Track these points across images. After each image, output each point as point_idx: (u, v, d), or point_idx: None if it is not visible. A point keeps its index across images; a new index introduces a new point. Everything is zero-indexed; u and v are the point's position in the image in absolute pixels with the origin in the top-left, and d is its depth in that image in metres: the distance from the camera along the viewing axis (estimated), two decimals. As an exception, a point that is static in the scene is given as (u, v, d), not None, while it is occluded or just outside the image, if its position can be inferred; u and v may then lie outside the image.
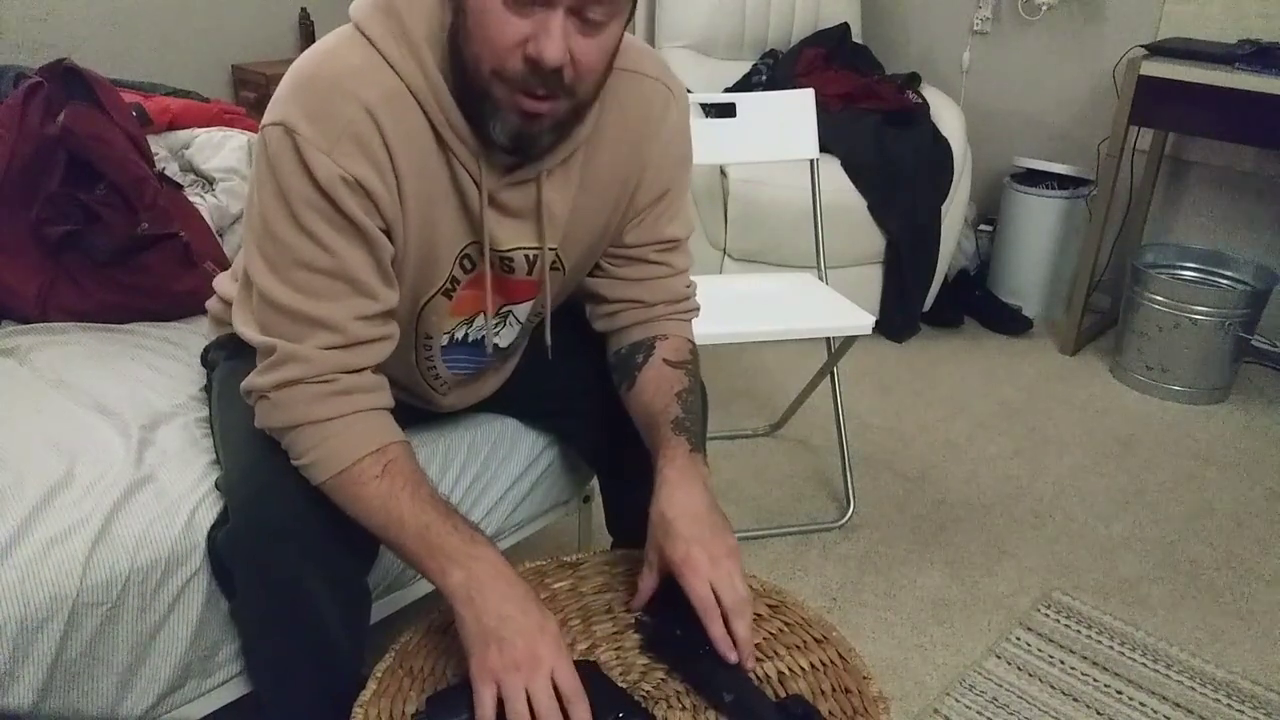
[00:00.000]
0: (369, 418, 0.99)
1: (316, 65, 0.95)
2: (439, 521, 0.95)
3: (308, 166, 0.92)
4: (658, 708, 0.95)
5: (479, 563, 0.93)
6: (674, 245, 1.19)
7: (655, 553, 1.02)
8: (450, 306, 1.10)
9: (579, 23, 0.89)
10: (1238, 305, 2.48)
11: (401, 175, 0.97)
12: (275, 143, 0.93)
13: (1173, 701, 1.57)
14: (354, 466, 0.96)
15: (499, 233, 1.05)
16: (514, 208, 1.05)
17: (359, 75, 0.94)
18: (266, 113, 0.96)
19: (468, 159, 0.99)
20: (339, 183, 0.93)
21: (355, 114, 0.93)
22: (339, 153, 0.92)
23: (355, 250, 0.97)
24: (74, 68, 1.67)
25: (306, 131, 0.92)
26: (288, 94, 0.95)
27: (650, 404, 1.13)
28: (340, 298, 0.97)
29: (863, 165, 2.67)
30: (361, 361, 1.00)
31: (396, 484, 0.96)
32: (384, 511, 0.96)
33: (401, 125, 0.95)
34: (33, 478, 1.11)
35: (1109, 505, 2.10)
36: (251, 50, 3.15)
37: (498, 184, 1.02)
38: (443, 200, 1.01)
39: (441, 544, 0.94)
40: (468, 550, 0.93)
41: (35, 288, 1.54)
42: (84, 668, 1.04)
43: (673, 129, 1.13)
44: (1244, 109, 2.32)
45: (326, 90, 0.93)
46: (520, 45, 0.89)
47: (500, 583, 0.92)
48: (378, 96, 0.94)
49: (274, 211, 0.95)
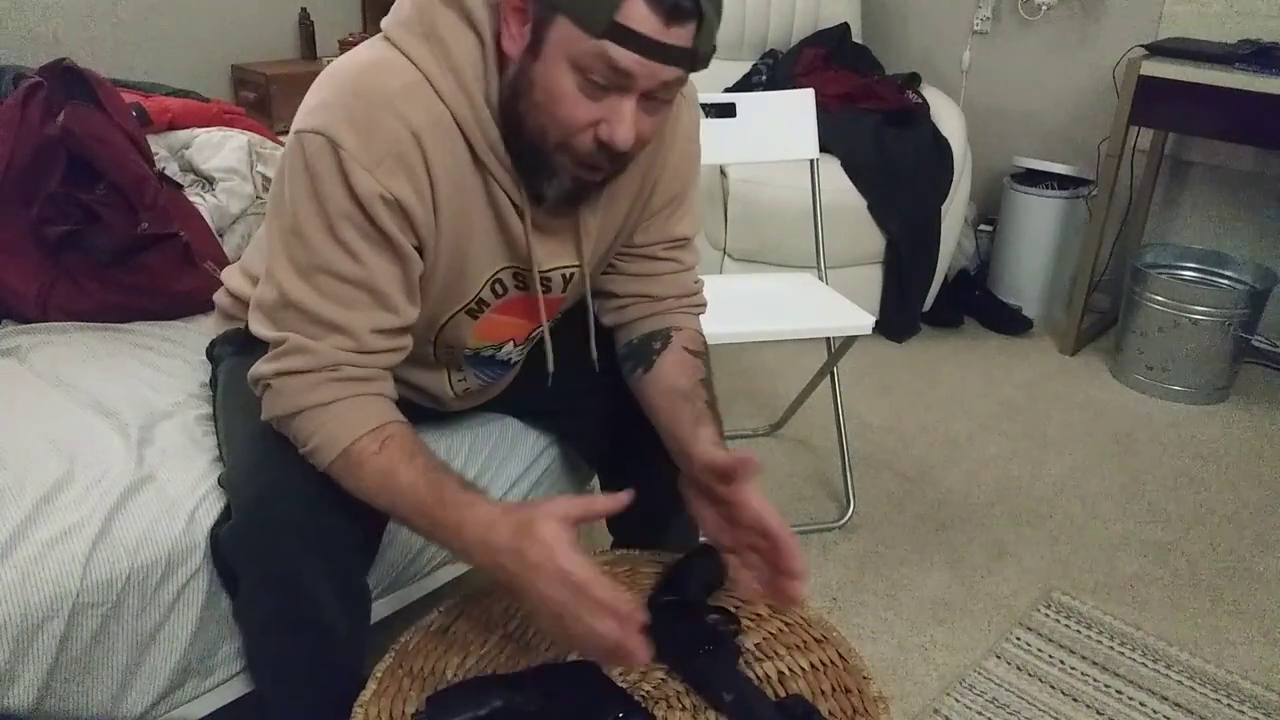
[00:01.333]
0: (368, 401, 0.99)
1: (360, 79, 0.95)
2: (430, 495, 0.94)
3: (349, 181, 0.92)
4: (658, 708, 0.95)
5: (467, 528, 0.92)
6: (683, 243, 1.20)
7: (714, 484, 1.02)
8: (476, 327, 1.11)
9: (646, 103, 0.92)
10: (1238, 305, 2.48)
11: (440, 197, 0.97)
12: (316, 151, 0.93)
13: (1173, 701, 1.57)
14: (353, 446, 0.96)
15: (539, 254, 1.06)
16: (552, 228, 1.06)
17: (405, 96, 0.94)
18: (304, 116, 0.94)
19: (509, 185, 1.00)
20: (378, 200, 0.93)
21: (402, 135, 0.93)
22: (382, 171, 0.93)
23: (386, 264, 0.97)
24: (74, 68, 1.67)
25: (351, 146, 0.91)
26: (331, 103, 0.94)
27: (675, 384, 1.13)
28: (362, 308, 0.98)
29: (863, 165, 2.67)
30: (368, 364, 1.00)
31: (394, 458, 0.96)
32: (383, 489, 0.96)
33: (444, 150, 0.96)
34: (33, 478, 1.11)
35: (1109, 505, 2.10)
36: (251, 50, 3.15)
37: (537, 210, 1.03)
38: (479, 223, 1.02)
39: (441, 518, 0.93)
40: (456, 519, 0.92)
41: (35, 288, 1.54)
42: (84, 668, 1.04)
43: (686, 132, 1.15)
44: (1244, 109, 2.32)
45: (375, 108, 0.93)
46: (591, 126, 0.91)
47: (487, 537, 0.90)
48: (424, 121, 0.94)
49: (307, 216, 0.95)
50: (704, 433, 1.06)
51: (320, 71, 0.99)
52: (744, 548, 1.01)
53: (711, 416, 1.10)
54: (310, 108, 0.95)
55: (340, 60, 0.98)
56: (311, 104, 0.95)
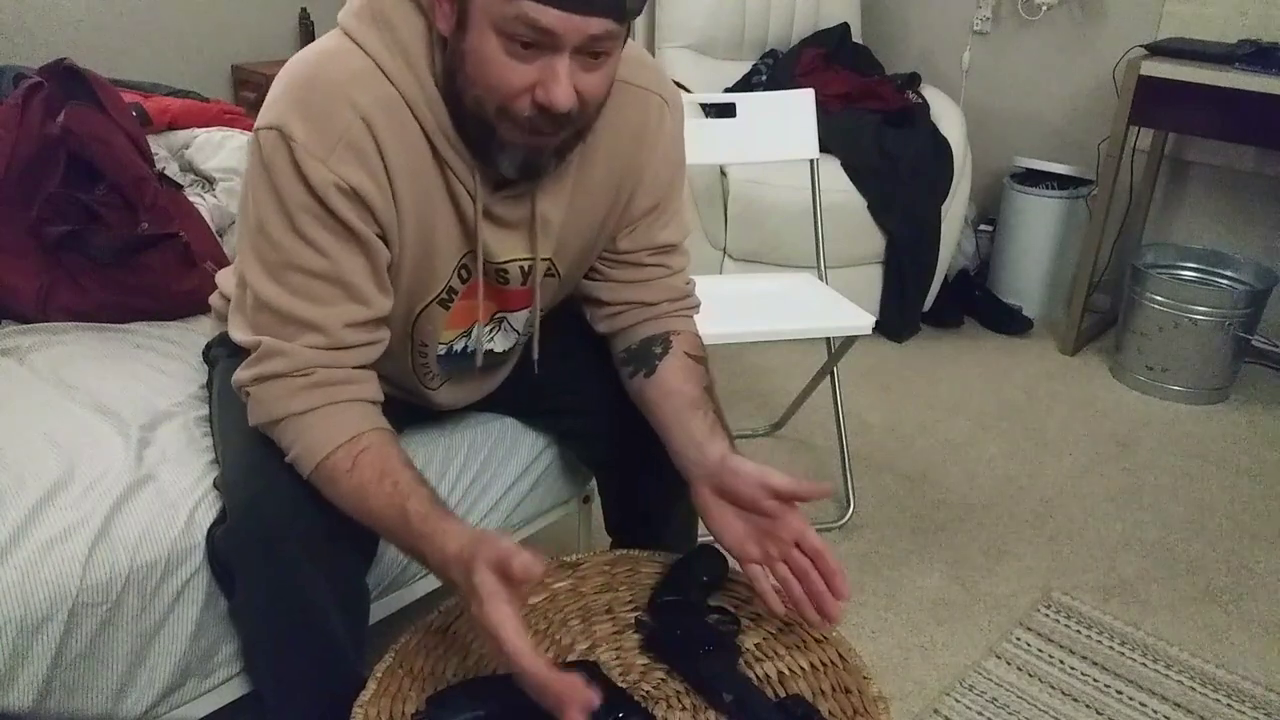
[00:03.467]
0: (344, 409, 0.99)
1: (311, 70, 0.95)
2: (398, 522, 0.94)
3: (303, 173, 0.92)
4: (658, 708, 0.95)
5: (429, 559, 0.92)
6: (670, 249, 1.19)
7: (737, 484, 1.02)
8: (447, 318, 1.10)
9: (583, 60, 0.90)
10: (1238, 305, 2.48)
11: (396, 182, 0.97)
12: (270, 147, 0.93)
13: (1173, 701, 1.57)
14: (328, 460, 0.96)
15: (494, 244, 1.05)
16: (508, 219, 1.05)
17: (355, 82, 0.94)
18: (260, 115, 0.95)
19: (463, 172, 1.00)
20: (334, 190, 0.93)
21: (352, 121, 0.93)
22: (335, 160, 0.92)
23: (351, 255, 0.97)
24: (74, 68, 1.67)
25: (302, 137, 0.92)
26: (282, 98, 0.94)
27: (680, 389, 1.13)
28: (333, 302, 0.97)
29: (863, 165, 2.67)
30: (345, 362, 1.00)
31: (364, 478, 0.95)
32: (356, 509, 0.97)
33: (396, 133, 0.95)
34: (33, 478, 1.11)
35: (1109, 505, 2.10)
36: (251, 50, 3.15)
37: (492, 196, 1.02)
38: (440, 209, 1.01)
39: (409, 545, 0.94)
40: (421, 550, 0.93)
41: (35, 288, 1.54)
42: (84, 668, 1.03)
43: (668, 138, 1.14)
44: (1244, 109, 2.32)
45: (322, 96, 0.93)
46: (527, 90, 0.90)
47: (445, 574, 0.91)
48: (373, 104, 0.94)
49: (269, 215, 0.95)
50: (723, 444, 1.06)
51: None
52: (774, 560, 1.01)
53: (723, 427, 1.10)
54: (265, 105, 0.95)
55: (296, 55, 0.99)
56: (267, 101, 0.96)
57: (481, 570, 0.85)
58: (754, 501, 1.01)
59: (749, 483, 1.01)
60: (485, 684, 0.96)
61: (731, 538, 1.04)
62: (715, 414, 1.11)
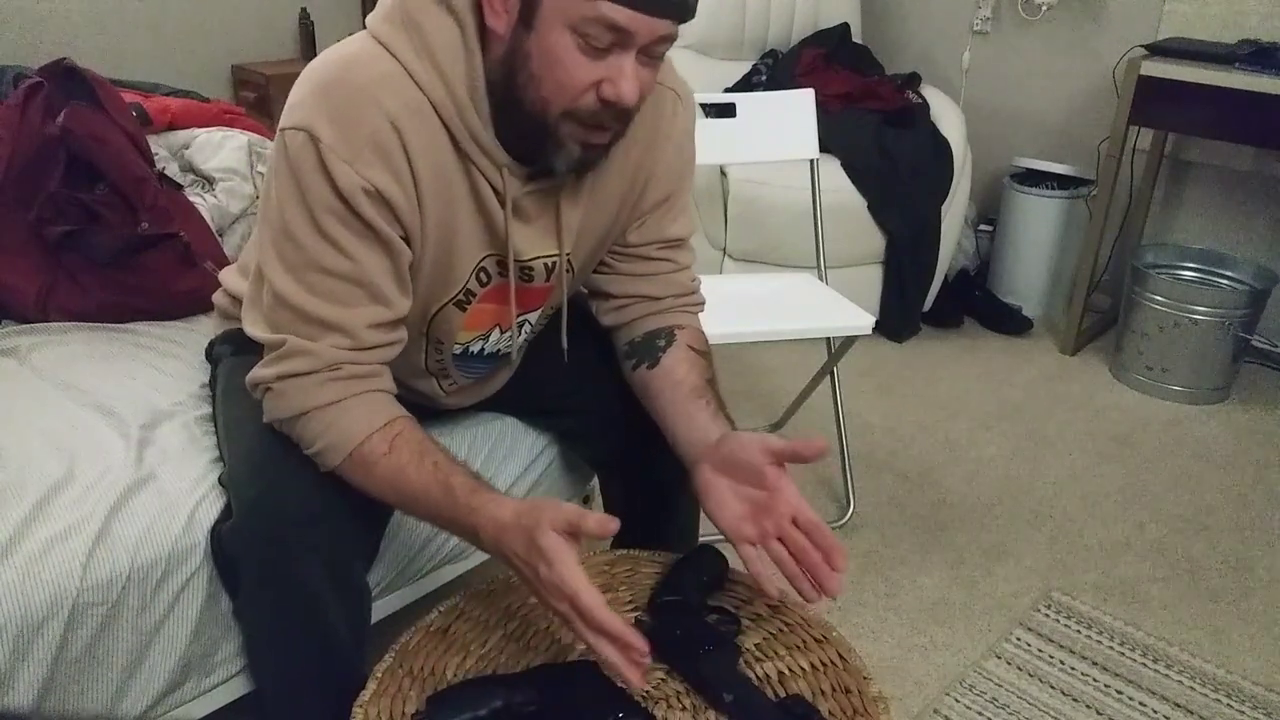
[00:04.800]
0: (373, 398, 1.00)
1: (338, 72, 0.95)
2: (443, 498, 0.95)
3: (330, 174, 0.92)
4: (658, 708, 0.95)
5: (482, 531, 0.94)
6: (677, 244, 1.20)
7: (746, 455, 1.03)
8: (465, 320, 1.11)
9: (643, 58, 0.92)
10: (1238, 305, 2.48)
11: (421, 184, 0.97)
12: (297, 148, 0.93)
13: (1173, 701, 1.57)
14: (363, 447, 0.97)
15: (520, 242, 1.06)
16: (534, 216, 1.06)
17: (382, 85, 0.94)
18: (286, 114, 0.95)
19: (490, 170, 1.00)
20: (360, 193, 0.93)
21: (380, 124, 0.93)
22: (361, 162, 0.93)
23: (375, 256, 0.97)
24: (74, 68, 1.67)
25: (329, 139, 0.92)
26: (308, 99, 0.94)
27: (684, 379, 1.14)
28: (356, 303, 0.98)
29: (863, 165, 2.67)
30: (367, 359, 1.00)
31: (403, 458, 0.97)
32: (395, 491, 0.98)
33: (423, 136, 0.96)
34: (33, 478, 1.11)
35: (1109, 505, 2.10)
36: (251, 50, 3.15)
37: (519, 193, 1.03)
38: (462, 210, 1.02)
39: (455, 519, 0.96)
40: (471, 524, 0.94)
41: (35, 288, 1.54)
42: (84, 668, 1.04)
43: (681, 132, 1.15)
44: (1244, 109, 2.32)
45: (350, 98, 0.93)
46: (594, 87, 0.92)
47: (499, 544, 0.93)
48: (400, 107, 0.94)
49: (295, 215, 0.95)
50: (725, 429, 1.08)
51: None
52: (769, 538, 1.01)
53: (726, 416, 1.11)
54: (291, 105, 0.95)
55: (321, 56, 0.99)
56: (292, 101, 0.96)
57: (547, 534, 0.88)
58: (754, 469, 1.02)
59: (750, 448, 1.02)
60: (485, 684, 0.96)
61: (729, 518, 1.04)
62: (717, 403, 1.12)
